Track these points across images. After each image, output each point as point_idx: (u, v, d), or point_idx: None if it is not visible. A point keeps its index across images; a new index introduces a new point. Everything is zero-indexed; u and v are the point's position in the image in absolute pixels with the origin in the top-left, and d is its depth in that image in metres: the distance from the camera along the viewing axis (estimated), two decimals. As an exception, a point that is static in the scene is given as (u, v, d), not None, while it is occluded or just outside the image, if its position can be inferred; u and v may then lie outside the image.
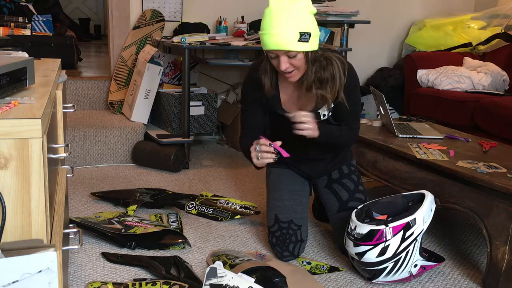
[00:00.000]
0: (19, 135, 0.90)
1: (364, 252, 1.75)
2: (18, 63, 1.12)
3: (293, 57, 1.75)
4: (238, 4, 3.82)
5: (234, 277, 1.52)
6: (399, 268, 1.77)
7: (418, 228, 1.74)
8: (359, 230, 1.75)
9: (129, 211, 2.37)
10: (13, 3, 4.52)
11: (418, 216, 1.74)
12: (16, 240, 0.95)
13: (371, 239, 1.73)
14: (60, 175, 1.55)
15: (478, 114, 3.15)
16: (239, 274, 1.55)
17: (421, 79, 3.72)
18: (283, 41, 1.71)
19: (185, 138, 3.17)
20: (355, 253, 1.77)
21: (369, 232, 1.73)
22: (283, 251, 1.98)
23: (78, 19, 7.40)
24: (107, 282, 1.76)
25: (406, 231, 1.73)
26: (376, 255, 1.73)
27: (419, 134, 2.41)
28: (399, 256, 1.74)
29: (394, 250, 1.73)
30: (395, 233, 1.72)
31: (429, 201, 1.81)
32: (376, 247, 1.73)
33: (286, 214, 2.01)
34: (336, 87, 1.83)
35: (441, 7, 4.42)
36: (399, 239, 1.72)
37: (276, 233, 2.00)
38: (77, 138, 3.10)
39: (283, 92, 1.96)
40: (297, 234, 2.00)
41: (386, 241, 1.72)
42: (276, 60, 1.79)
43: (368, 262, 1.76)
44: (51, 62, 1.76)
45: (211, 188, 2.82)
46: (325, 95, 1.84)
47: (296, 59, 1.76)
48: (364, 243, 1.74)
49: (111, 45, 3.77)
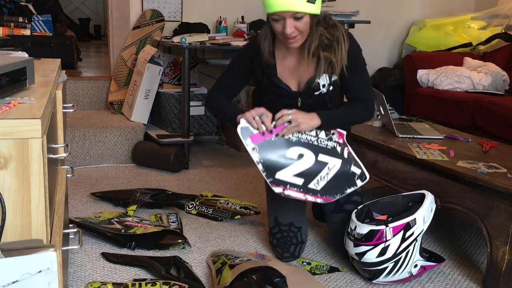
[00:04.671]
0: (19, 135, 0.90)
1: (364, 252, 1.75)
2: (18, 63, 1.12)
3: (299, 19, 1.68)
4: (238, 4, 3.82)
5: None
6: (399, 268, 1.76)
7: (418, 228, 1.74)
8: (359, 230, 1.75)
9: (129, 211, 2.37)
10: (13, 3, 4.52)
11: (418, 216, 1.74)
12: (16, 240, 0.95)
13: (371, 239, 1.72)
14: (60, 175, 1.55)
15: (478, 114, 3.15)
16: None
17: (421, 79, 3.72)
18: (291, 1, 1.64)
19: (185, 138, 3.17)
20: (355, 253, 1.77)
21: (369, 232, 1.73)
22: (284, 253, 1.99)
23: (78, 19, 7.39)
24: (107, 282, 1.76)
25: (406, 231, 1.72)
26: (376, 255, 1.73)
27: (419, 134, 2.41)
28: (399, 256, 1.74)
29: (394, 250, 1.73)
30: (395, 233, 1.72)
31: (429, 201, 1.81)
32: (376, 247, 1.73)
33: (286, 217, 2.00)
34: (342, 51, 1.77)
35: (441, 7, 4.42)
36: (399, 239, 1.72)
37: (277, 235, 2.00)
38: (77, 138, 3.10)
39: (280, 61, 1.89)
40: (297, 236, 1.99)
41: (386, 241, 1.71)
42: (280, 24, 1.70)
43: (368, 262, 1.76)
44: (51, 62, 1.76)
45: (211, 188, 2.82)
46: (331, 58, 1.77)
47: (302, 22, 1.70)
48: (364, 243, 1.74)
49: (111, 45, 3.77)
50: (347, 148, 1.76)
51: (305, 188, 1.79)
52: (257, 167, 1.79)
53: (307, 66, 1.86)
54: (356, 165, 1.78)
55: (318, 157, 1.78)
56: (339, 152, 1.76)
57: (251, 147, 1.77)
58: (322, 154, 1.78)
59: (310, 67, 1.86)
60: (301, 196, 1.79)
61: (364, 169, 1.79)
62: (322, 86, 1.85)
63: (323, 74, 1.83)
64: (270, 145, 1.78)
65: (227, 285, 1.67)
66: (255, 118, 1.76)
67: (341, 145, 1.76)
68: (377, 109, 2.67)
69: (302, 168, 1.78)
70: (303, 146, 1.78)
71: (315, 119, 1.78)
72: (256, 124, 1.76)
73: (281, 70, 1.89)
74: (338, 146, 1.75)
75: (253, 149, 1.77)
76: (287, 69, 1.89)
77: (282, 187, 1.78)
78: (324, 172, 1.78)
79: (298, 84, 1.90)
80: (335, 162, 1.78)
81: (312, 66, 1.85)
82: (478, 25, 4.19)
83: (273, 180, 1.78)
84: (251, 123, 1.77)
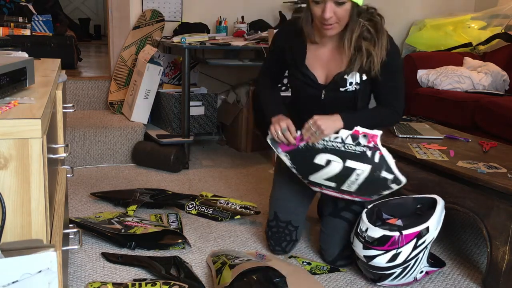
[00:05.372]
0: (19, 135, 0.90)
1: (374, 256, 1.72)
2: (18, 63, 1.12)
3: (341, 4, 1.65)
4: (238, 4, 3.82)
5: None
6: (406, 274, 1.76)
7: (430, 236, 1.73)
8: (371, 234, 1.72)
9: (129, 211, 2.37)
10: (13, 3, 4.52)
11: (431, 224, 1.72)
12: (16, 240, 0.95)
13: (383, 244, 1.69)
14: (60, 175, 1.55)
15: (478, 114, 3.15)
16: None
17: (421, 79, 3.72)
18: None
19: (185, 138, 3.17)
20: (364, 256, 1.75)
21: (382, 237, 1.69)
22: (276, 246, 2.03)
23: (78, 19, 7.40)
24: (107, 282, 1.76)
25: (419, 239, 1.70)
26: (386, 261, 1.71)
27: (419, 134, 2.41)
28: (409, 263, 1.73)
29: (405, 257, 1.71)
30: (408, 241, 1.69)
31: (441, 208, 1.80)
32: (387, 253, 1.70)
33: (285, 215, 2.01)
34: (383, 46, 1.70)
35: (441, 7, 4.42)
36: (411, 247, 1.70)
37: (273, 228, 2.03)
38: (77, 138, 3.10)
39: (312, 49, 1.85)
40: (292, 234, 2.02)
41: (398, 248, 1.69)
42: (320, 7, 1.67)
43: (377, 266, 1.74)
44: (51, 62, 1.76)
45: (211, 188, 2.82)
46: (371, 50, 1.70)
47: (342, 9, 1.66)
48: (375, 247, 1.71)
49: (111, 45, 3.77)
50: (379, 152, 1.68)
51: (340, 190, 1.81)
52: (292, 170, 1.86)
53: (341, 61, 1.82)
54: (387, 170, 1.70)
55: (346, 163, 1.74)
56: (369, 157, 1.69)
57: (283, 155, 1.83)
58: (349, 160, 1.73)
59: (343, 63, 1.81)
60: (338, 195, 1.84)
61: (398, 174, 1.70)
62: (349, 84, 1.80)
63: (355, 72, 1.78)
64: (299, 152, 1.80)
65: (227, 285, 1.67)
66: (278, 135, 1.78)
67: (372, 149, 1.68)
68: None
69: (331, 173, 1.78)
70: (330, 152, 1.75)
71: (337, 121, 1.73)
72: (280, 139, 1.79)
73: (311, 59, 1.86)
74: (368, 150, 1.68)
75: (285, 156, 1.83)
76: (318, 60, 1.86)
77: (318, 188, 1.85)
78: (353, 177, 1.75)
79: (326, 77, 1.86)
80: (363, 167, 1.72)
81: (345, 61, 1.80)
82: (478, 25, 4.18)
83: (309, 181, 1.85)
84: (274, 138, 1.81)
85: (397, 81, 1.83)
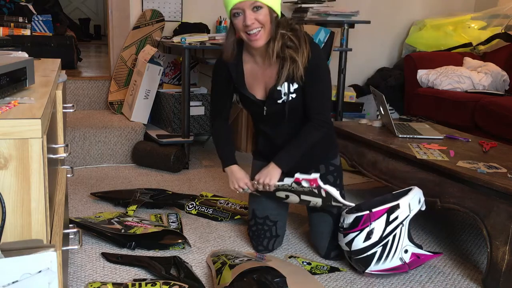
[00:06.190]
0: (19, 135, 0.90)
1: (352, 240, 1.82)
2: (18, 63, 1.12)
3: (258, 9, 1.71)
4: (238, 4, 3.82)
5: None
6: (388, 253, 1.81)
7: (403, 213, 1.80)
8: (346, 221, 1.85)
9: (129, 211, 2.37)
10: (13, 3, 4.52)
11: (402, 202, 1.81)
12: (16, 240, 0.95)
13: (357, 225, 1.81)
14: (60, 175, 1.55)
15: (478, 114, 3.15)
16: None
17: (421, 79, 3.72)
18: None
19: (185, 138, 3.17)
20: (345, 244, 1.85)
21: (355, 219, 1.82)
22: (258, 245, 2.05)
23: (78, 19, 7.40)
24: (107, 282, 1.76)
25: (389, 214, 1.79)
26: (363, 240, 1.80)
27: (419, 134, 2.41)
28: (386, 240, 1.80)
29: (380, 234, 1.79)
30: (378, 216, 1.79)
31: (415, 192, 1.87)
32: (362, 232, 1.80)
33: (262, 210, 2.04)
34: (304, 53, 1.77)
35: (441, 7, 4.42)
36: (383, 222, 1.79)
37: (253, 227, 2.06)
38: (77, 138, 3.10)
39: (247, 70, 1.90)
40: (272, 230, 2.04)
41: (370, 225, 1.79)
42: (240, 19, 1.73)
43: (357, 249, 1.81)
44: (51, 62, 1.76)
45: (211, 188, 2.82)
46: (296, 56, 1.77)
47: (261, 14, 1.72)
48: (351, 231, 1.82)
49: (111, 45, 3.77)
50: (323, 190, 1.81)
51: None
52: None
53: (272, 72, 1.86)
54: (336, 201, 1.84)
55: (301, 197, 1.89)
56: (317, 193, 1.83)
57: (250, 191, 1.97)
58: (303, 195, 1.87)
59: (274, 74, 1.86)
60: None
61: (346, 202, 1.84)
62: (284, 95, 1.85)
63: (284, 82, 1.83)
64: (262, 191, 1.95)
65: (227, 285, 1.67)
66: (238, 192, 1.96)
67: (317, 188, 1.81)
68: (377, 109, 2.67)
69: (293, 203, 1.97)
70: (285, 191, 1.89)
71: (275, 169, 1.85)
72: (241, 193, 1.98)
73: (249, 78, 1.91)
74: (314, 189, 1.82)
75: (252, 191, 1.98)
76: (255, 77, 1.90)
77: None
78: (312, 204, 1.91)
79: (265, 92, 1.90)
80: (316, 200, 1.87)
81: (275, 72, 1.85)
82: (478, 25, 4.19)
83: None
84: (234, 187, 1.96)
85: (322, 85, 1.87)
